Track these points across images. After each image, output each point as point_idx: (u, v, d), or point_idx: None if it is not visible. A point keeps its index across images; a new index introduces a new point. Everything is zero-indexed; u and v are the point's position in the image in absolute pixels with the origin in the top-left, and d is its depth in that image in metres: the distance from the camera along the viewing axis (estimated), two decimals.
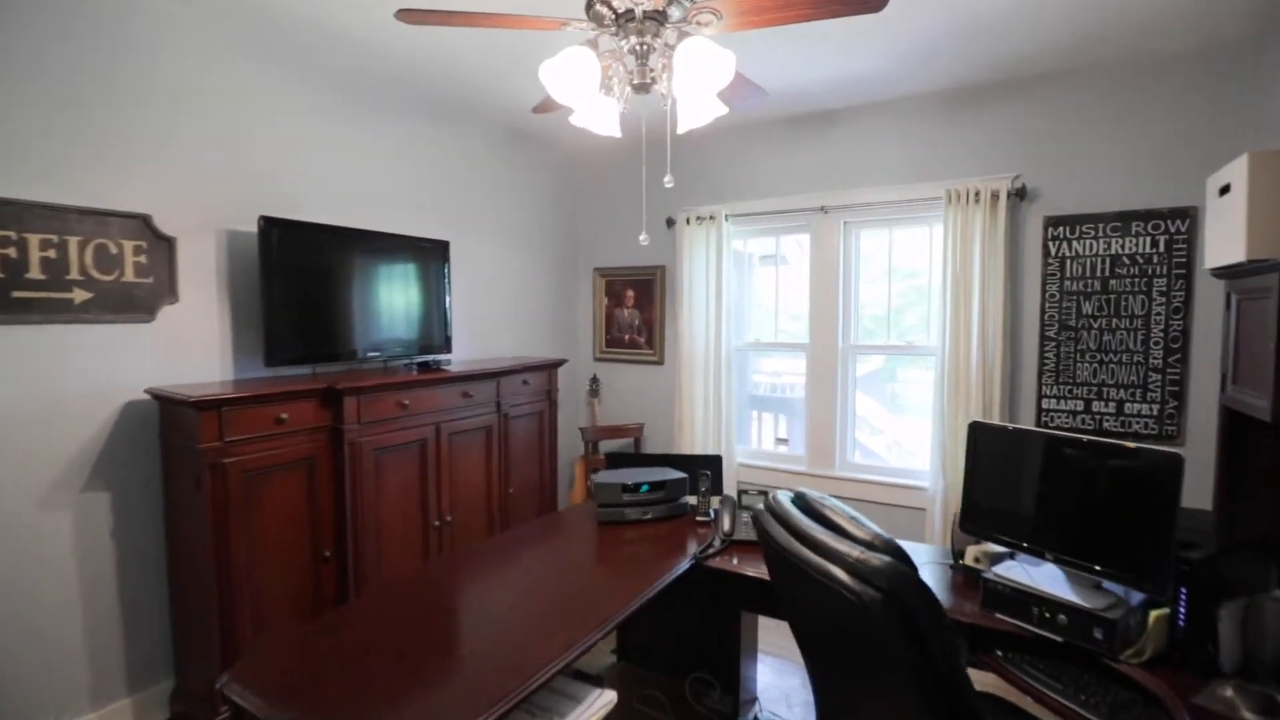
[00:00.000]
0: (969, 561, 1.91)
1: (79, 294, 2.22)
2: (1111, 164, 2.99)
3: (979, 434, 1.90)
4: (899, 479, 3.58)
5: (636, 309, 4.42)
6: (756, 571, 2.03)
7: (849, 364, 3.74)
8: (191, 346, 2.54)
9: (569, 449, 4.42)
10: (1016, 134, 3.16)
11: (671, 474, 2.49)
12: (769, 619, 2.32)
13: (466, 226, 3.75)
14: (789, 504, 1.37)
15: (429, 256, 3.30)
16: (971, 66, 2.97)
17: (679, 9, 1.66)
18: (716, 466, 2.67)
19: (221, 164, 2.62)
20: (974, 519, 1.88)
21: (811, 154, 3.70)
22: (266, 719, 1.30)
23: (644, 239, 2.06)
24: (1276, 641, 1.39)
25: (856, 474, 3.70)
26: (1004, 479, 1.83)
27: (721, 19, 1.70)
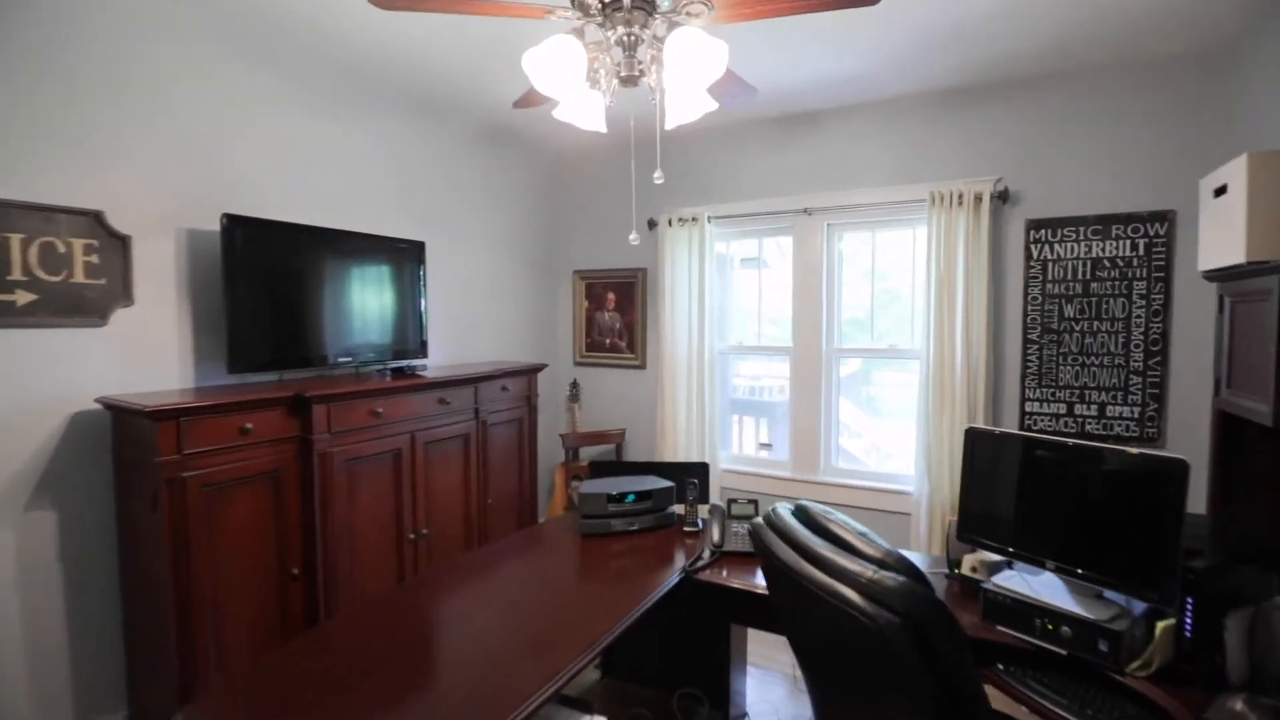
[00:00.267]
0: (966, 571, 1.86)
1: (22, 296, 2.07)
2: (1091, 167, 3.00)
3: (975, 440, 1.85)
4: (883, 483, 3.55)
5: (617, 312, 4.33)
6: (747, 584, 1.97)
7: (833, 367, 3.71)
8: (148, 352, 2.39)
9: (548, 456, 4.32)
10: (999, 137, 3.16)
11: (658, 483, 2.41)
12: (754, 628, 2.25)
13: (442, 227, 3.63)
14: (790, 518, 1.30)
15: (403, 258, 3.18)
16: (958, 68, 2.96)
17: None
18: (704, 474, 2.60)
19: (182, 158, 2.48)
20: (972, 527, 1.83)
21: (795, 155, 3.66)
22: None
23: (634, 238, 1.99)
24: None
25: (841, 479, 3.66)
26: (1002, 486, 1.79)
27: (712, 10, 1.63)
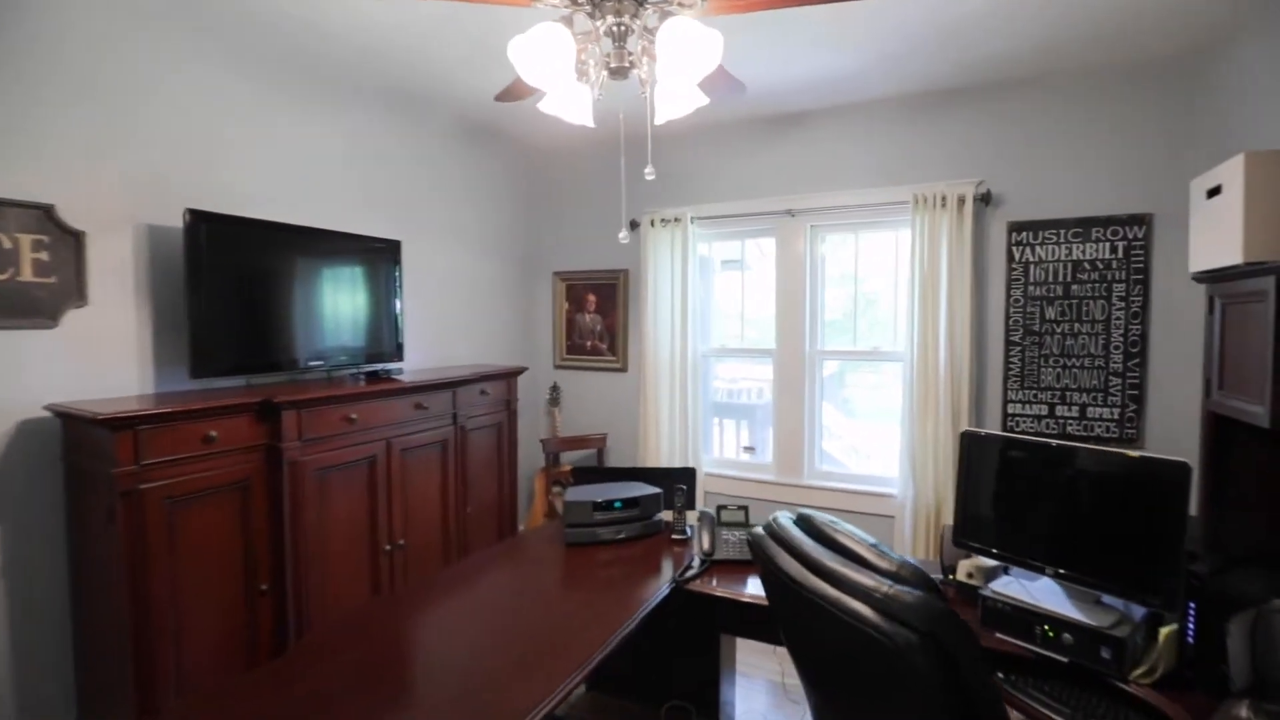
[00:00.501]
0: (962, 577, 1.83)
1: None
2: (1071, 170, 3.02)
3: (971, 444, 1.82)
4: (867, 486, 3.53)
5: (598, 314, 4.26)
6: (737, 593, 1.91)
7: (816, 370, 3.69)
8: (103, 356, 2.25)
9: (528, 461, 4.22)
10: (981, 139, 3.17)
11: (645, 489, 2.34)
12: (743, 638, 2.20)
13: (419, 226, 3.52)
14: (794, 528, 1.25)
15: (378, 257, 3.06)
16: (943, 69, 2.95)
17: None
18: (691, 480, 2.54)
19: (141, 150, 2.34)
20: (968, 532, 1.80)
21: (779, 156, 3.63)
22: None
23: (623, 237, 1.92)
24: None
25: (825, 482, 3.63)
26: (999, 491, 1.76)
27: (704, 1, 1.57)
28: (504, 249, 4.20)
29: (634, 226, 4.01)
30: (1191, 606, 1.41)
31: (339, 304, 2.86)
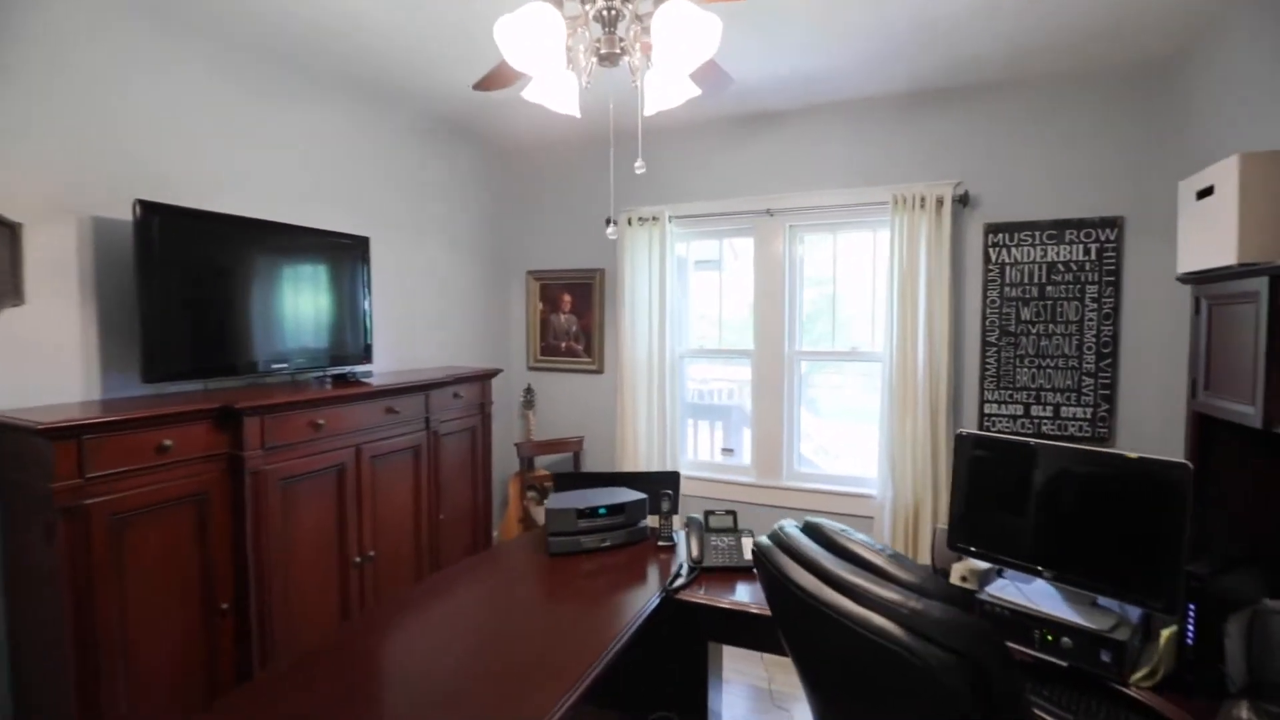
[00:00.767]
0: (956, 580, 1.80)
1: None
2: (1046, 173, 3.06)
3: (966, 445, 1.80)
4: (846, 487, 3.52)
5: (574, 314, 4.17)
6: (727, 601, 1.85)
7: (795, 371, 3.67)
8: (43, 359, 2.07)
9: (501, 466, 4.10)
10: (959, 140, 3.19)
11: (630, 495, 2.27)
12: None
13: (387, 222, 3.37)
14: (804, 538, 1.19)
15: (346, 254, 2.92)
16: (924, 70, 2.95)
17: None
18: (675, 484, 2.48)
19: (88, 136, 2.17)
20: (963, 535, 1.78)
21: (758, 155, 3.60)
22: None
23: (611, 232, 1.84)
24: None
25: (804, 483, 3.62)
26: (995, 493, 1.74)
27: None
28: (476, 247, 4.07)
29: (610, 224, 3.92)
30: (1191, 608, 1.40)
31: (303, 303, 2.71)
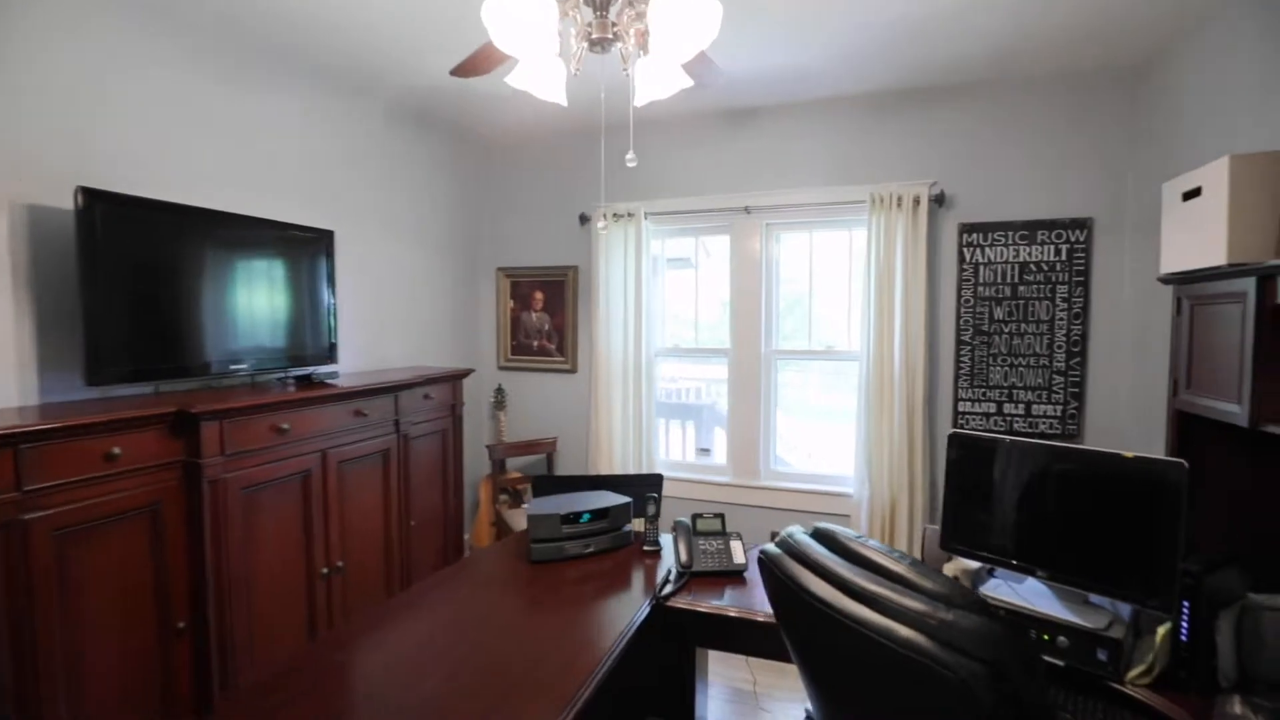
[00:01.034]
0: None
1: None
2: (1020, 174, 3.10)
3: (959, 446, 1.79)
4: (823, 485, 3.53)
5: (546, 313, 4.07)
6: (716, 606, 1.80)
7: (771, 370, 3.65)
8: None
9: (471, 468, 3.98)
10: (935, 140, 3.21)
11: (615, 499, 2.20)
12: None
13: (351, 216, 3.22)
14: (817, 545, 1.15)
15: (309, 248, 2.77)
16: (903, 68, 2.95)
17: None
18: (659, 487, 2.42)
19: (22, 115, 1.98)
20: (956, 536, 1.77)
21: (736, 153, 3.57)
22: None
23: (602, 226, 1.77)
24: (1275, 652, 1.37)
25: (782, 483, 3.60)
26: (987, 492, 1.74)
27: None
28: (445, 242, 3.94)
29: (584, 221, 3.85)
30: (1186, 605, 1.41)
31: (263, 300, 2.56)
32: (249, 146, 2.70)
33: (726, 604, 1.83)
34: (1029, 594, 1.65)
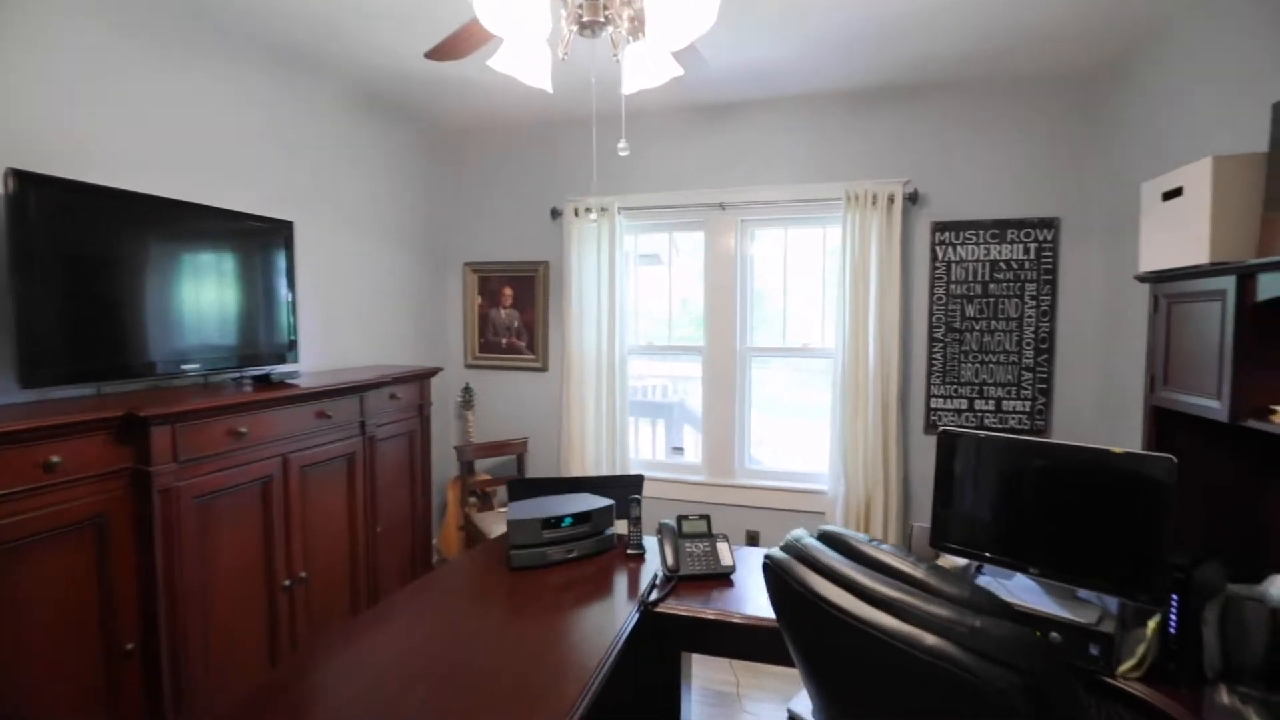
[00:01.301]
0: None
1: None
2: (991, 174, 3.15)
3: (949, 443, 1.78)
4: (798, 483, 3.52)
5: (515, 309, 3.96)
6: (703, 610, 1.76)
7: (746, 368, 3.63)
8: None
9: (438, 471, 3.84)
10: (910, 139, 3.23)
11: (597, 501, 2.13)
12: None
13: (312, 206, 3.06)
14: (827, 549, 1.11)
15: (266, 240, 2.61)
16: (886, 66, 2.95)
17: None
18: (640, 488, 2.36)
19: None
20: (946, 534, 1.77)
21: (711, 148, 3.53)
22: None
23: (595, 217, 1.69)
24: (1258, 642, 1.40)
25: (757, 481, 3.59)
26: (976, 489, 1.74)
27: None
28: (410, 236, 3.79)
29: (556, 216, 3.76)
30: (1174, 599, 1.43)
31: (217, 294, 2.40)
32: (202, 130, 2.52)
33: (715, 607, 1.78)
34: (1019, 590, 1.66)
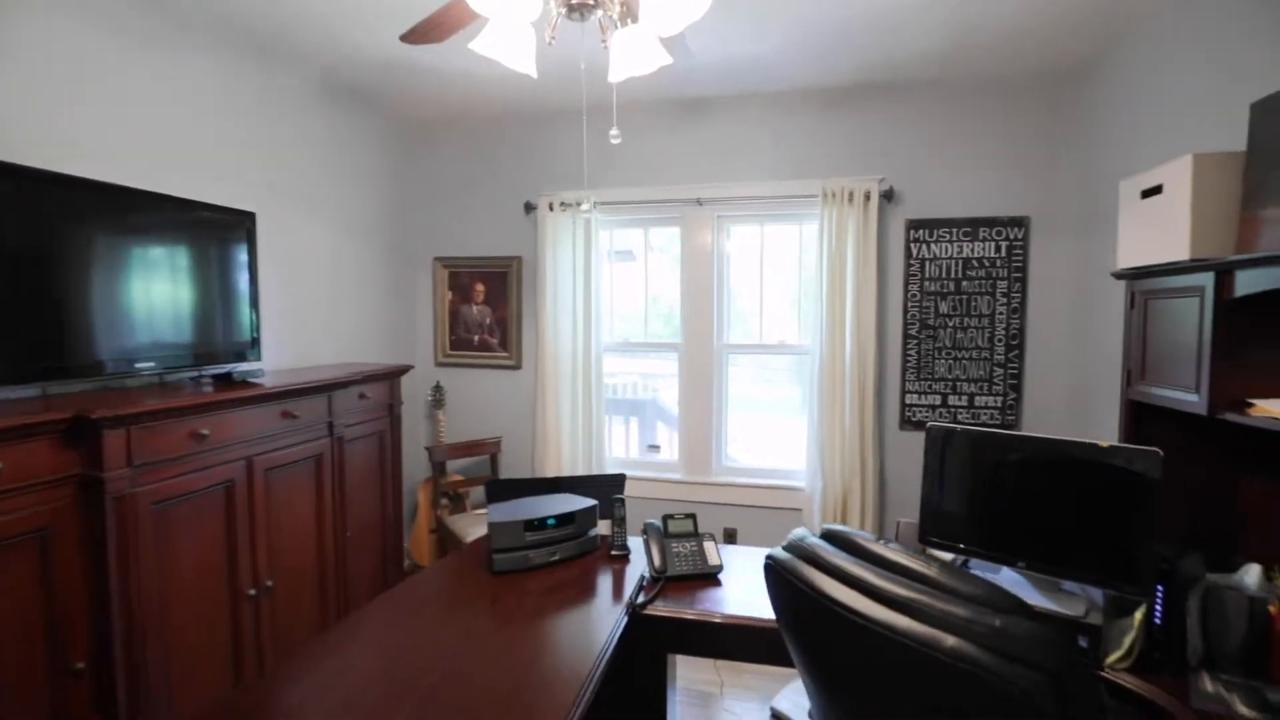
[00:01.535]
0: None
1: None
2: (963, 172, 3.19)
3: (936, 439, 1.78)
4: (775, 480, 3.53)
5: (488, 305, 3.87)
6: (690, 612, 1.72)
7: (724, 365, 3.62)
8: None
9: (408, 472, 3.73)
10: (884, 137, 3.26)
11: (580, 502, 2.08)
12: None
13: (275, 198, 2.92)
14: (833, 549, 1.08)
15: (227, 232, 2.48)
16: (865, 63, 2.95)
17: None
18: (622, 487, 2.31)
19: None
20: (934, 529, 1.77)
21: (689, 143, 3.49)
22: None
23: (586, 209, 1.64)
24: (1237, 630, 1.43)
25: (734, 478, 3.58)
26: (964, 485, 1.74)
27: None
28: (378, 229, 3.66)
29: (529, 210, 3.68)
30: (1160, 590, 1.45)
31: (172, 288, 2.26)
32: (154, 115, 2.37)
33: (703, 608, 1.75)
34: (1005, 584, 1.67)
